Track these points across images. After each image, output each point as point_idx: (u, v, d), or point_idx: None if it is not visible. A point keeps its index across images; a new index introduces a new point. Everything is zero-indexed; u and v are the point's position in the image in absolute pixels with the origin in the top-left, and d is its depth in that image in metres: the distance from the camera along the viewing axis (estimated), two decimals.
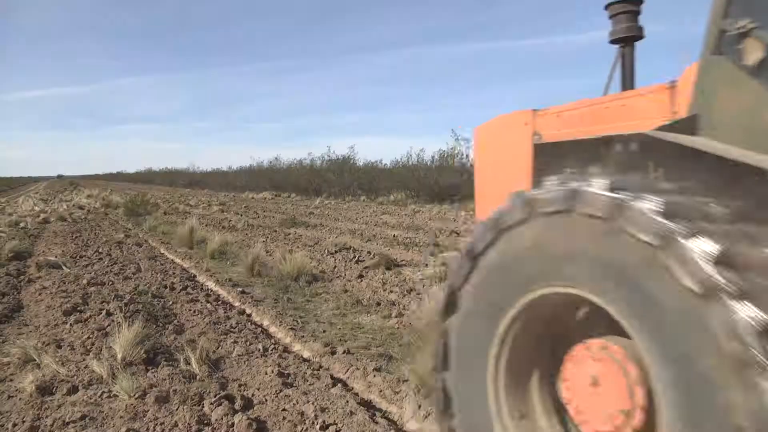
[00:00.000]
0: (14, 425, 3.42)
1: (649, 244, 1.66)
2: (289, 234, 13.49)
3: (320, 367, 4.52)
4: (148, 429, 3.35)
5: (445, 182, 25.65)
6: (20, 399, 3.80)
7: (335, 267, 8.83)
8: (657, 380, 1.69)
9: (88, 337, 5.00)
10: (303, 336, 5.32)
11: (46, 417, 3.50)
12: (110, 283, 7.58)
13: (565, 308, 2.15)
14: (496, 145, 3.60)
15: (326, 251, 10.25)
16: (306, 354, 4.91)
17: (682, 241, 1.57)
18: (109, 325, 5.34)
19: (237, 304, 6.69)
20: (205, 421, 3.40)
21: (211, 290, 7.42)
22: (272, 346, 4.88)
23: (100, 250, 10.67)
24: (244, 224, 15.93)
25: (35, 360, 4.42)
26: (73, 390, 3.91)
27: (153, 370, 4.25)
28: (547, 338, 2.31)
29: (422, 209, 21.69)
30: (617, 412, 1.90)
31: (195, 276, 8.45)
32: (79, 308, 6.06)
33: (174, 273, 8.38)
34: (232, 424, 3.34)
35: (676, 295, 1.59)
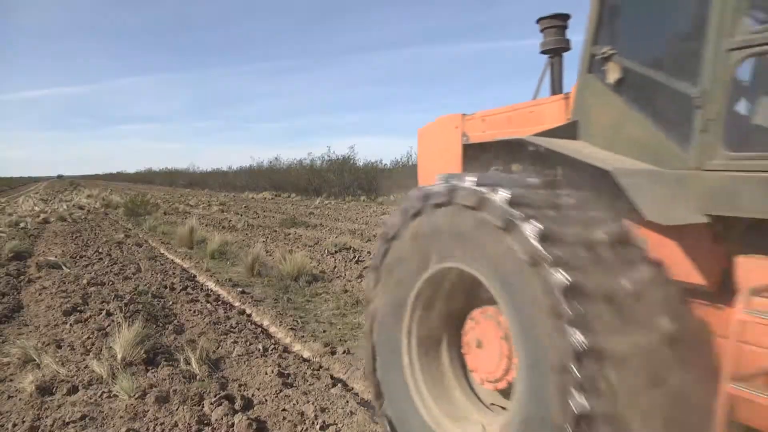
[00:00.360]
0: (14, 425, 3.42)
1: (499, 226, 2.16)
2: (289, 234, 13.49)
3: (320, 367, 4.53)
4: (148, 429, 3.35)
5: None
6: (20, 399, 3.80)
7: (335, 267, 8.84)
8: (510, 329, 2.21)
9: (88, 337, 5.00)
10: (303, 336, 5.33)
11: (46, 417, 3.50)
12: (110, 283, 7.58)
13: (460, 283, 2.59)
14: (434, 145, 4.01)
15: (326, 251, 10.25)
16: (306, 354, 4.91)
17: (519, 223, 2.08)
18: (109, 325, 5.34)
19: (237, 304, 6.69)
20: (205, 421, 3.40)
21: (211, 290, 7.42)
22: (272, 346, 4.88)
23: (100, 250, 10.68)
24: (244, 224, 15.93)
25: (35, 360, 4.42)
26: (73, 390, 3.91)
27: (153, 370, 4.25)
28: (452, 310, 2.77)
29: None
30: (496, 362, 2.45)
31: (195, 276, 8.45)
32: (79, 308, 6.06)
33: (174, 273, 8.38)
34: (232, 424, 3.34)
35: (517, 264, 2.09)
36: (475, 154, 3.45)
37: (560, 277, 1.94)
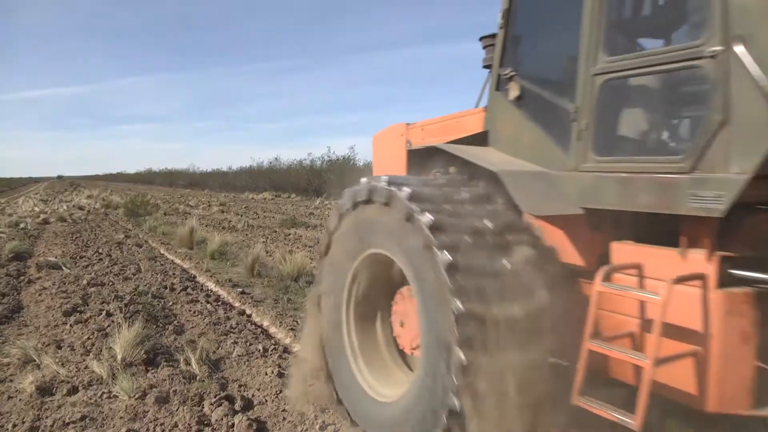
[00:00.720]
0: (14, 426, 3.43)
1: (403, 218, 2.74)
2: (289, 234, 13.49)
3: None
4: (148, 429, 3.35)
5: None
6: (20, 399, 3.80)
7: None
8: (415, 297, 2.81)
9: (88, 338, 5.00)
10: None
11: (46, 417, 3.50)
12: (110, 283, 7.58)
13: (387, 266, 3.05)
14: (384, 150, 4.48)
15: None
16: None
17: (417, 215, 2.65)
18: (109, 325, 5.34)
19: (237, 304, 6.69)
20: (205, 422, 3.40)
21: (211, 291, 7.42)
22: (272, 347, 4.87)
23: (100, 251, 10.68)
24: (244, 225, 15.93)
25: (35, 360, 4.42)
26: (73, 390, 3.91)
27: (153, 371, 4.25)
28: (384, 289, 3.31)
29: None
30: (415, 331, 2.92)
31: (195, 276, 8.45)
32: (79, 309, 6.06)
33: (174, 273, 8.38)
34: (232, 425, 3.34)
35: (416, 248, 2.67)
36: (417, 159, 3.86)
37: (444, 256, 2.50)
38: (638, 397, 2.20)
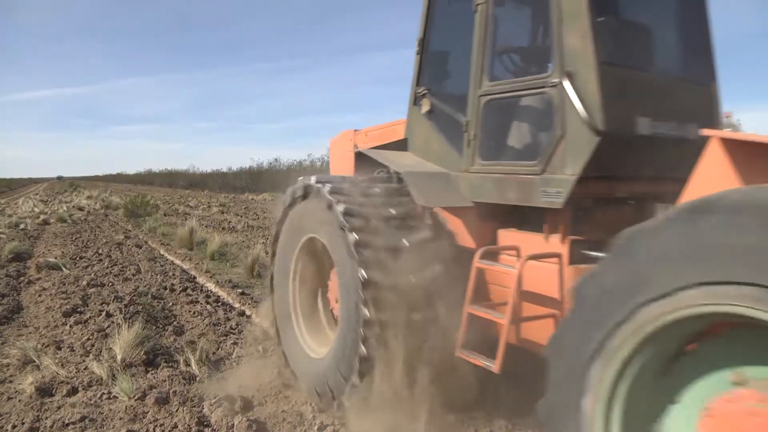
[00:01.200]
0: (14, 426, 3.43)
1: (326, 207, 3.49)
2: None
3: None
4: (147, 430, 3.35)
5: None
6: (20, 400, 3.80)
7: None
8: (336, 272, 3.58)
9: (88, 339, 5.00)
10: None
11: (46, 418, 3.50)
12: (110, 284, 7.58)
13: (323, 249, 3.73)
14: (337, 153, 5.02)
15: None
16: None
17: (335, 204, 3.40)
18: (108, 326, 5.35)
19: (237, 305, 6.69)
20: (205, 423, 3.41)
21: (211, 291, 7.42)
22: (272, 348, 4.87)
23: (100, 252, 10.68)
24: (243, 225, 15.93)
25: (35, 361, 4.42)
26: (73, 391, 3.91)
27: (153, 372, 4.25)
28: (322, 269, 4.04)
29: None
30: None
31: (195, 277, 8.45)
32: (78, 309, 6.06)
33: (174, 274, 8.38)
34: (232, 426, 3.34)
35: (335, 230, 3.42)
36: (363, 161, 4.35)
37: (353, 237, 3.25)
38: (498, 347, 2.81)
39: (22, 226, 15.56)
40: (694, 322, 1.90)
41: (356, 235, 3.25)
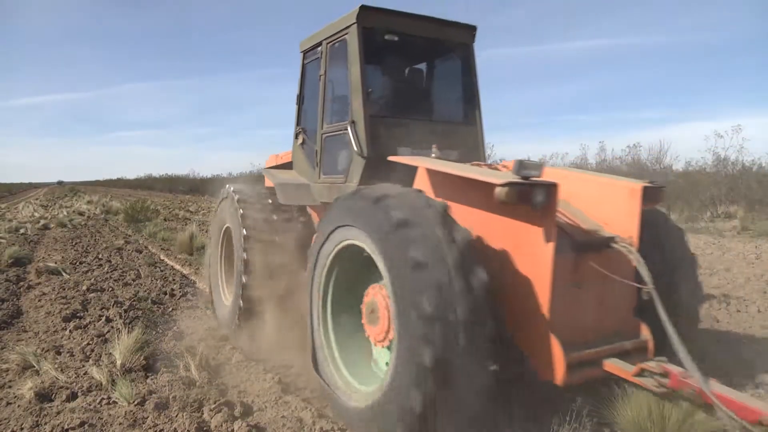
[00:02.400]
0: None
1: (236, 208, 5.30)
2: None
3: None
4: None
5: None
6: (19, 406, 3.79)
7: None
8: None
9: (88, 344, 4.99)
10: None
11: (45, 424, 3.49)
12: (110, 289, 7.57)
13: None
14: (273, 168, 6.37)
15: None
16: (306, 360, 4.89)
17: (239, 207, 5.29)
18: (108, 331, 5.34)
19: None
20: (205, 428, 3.39)
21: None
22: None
23: (100, 257, 10.68)
24: None
25: (34, 366, 4.41)
26: (73, 396, 3.90)
27: (152, 377, 4.24)
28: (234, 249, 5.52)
29: None
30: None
31: (195, 282, 8.44)
32: (78, 314, 6.06)
33: (174, 279, 8.38)
34: (232, 431, 3.33)
35: (237, 225, 5.28)
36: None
37: (243, 231, 5.09)
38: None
39: (22, 231, 15.56)
40: (352, 247, 3.43)
41: (245, 231, 5.14)
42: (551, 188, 2.99)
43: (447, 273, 2.75)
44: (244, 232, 5.09)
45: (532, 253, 3.10)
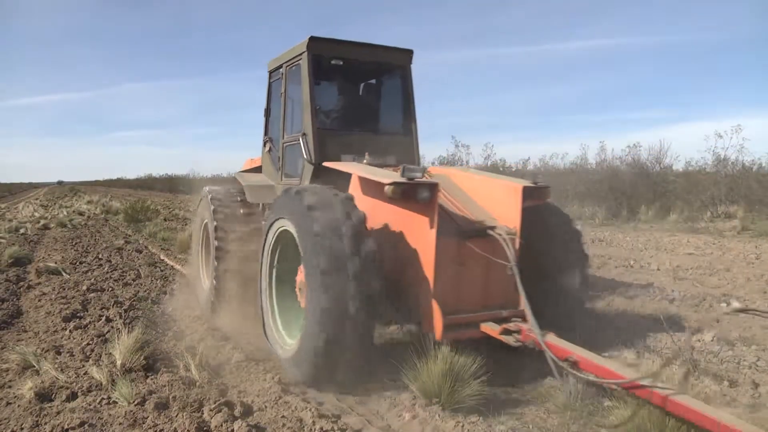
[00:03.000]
0: None
1: (209, 205, 6.20)
2: None
3: None
4: None
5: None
6: (19, 405, 3.79)
7: None
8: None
9: (88, 344, 4.99)
10: None
11: (45, 424, 3.49)
12: (110, 289, 7.57)
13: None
14: (247, 171, 7.30)
15: None
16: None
17: (211, 204, 6.17)
18: (108, 331, 5.34)
19: None
20: (205, 428, 3.39)
21: None
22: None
23: (100, 257, 10.67)
24: None
25: (34, 366, 4.41)
26: (73, 396, 3.90)
27: (152, 377, 4.24)
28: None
29: None
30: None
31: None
32: (78, 314, 6.06)
33: (174, 279, 8.37)
34: (232, 431, 3.33)
35: (210, 218, 6.13)
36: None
37: (215, 223, 5.96)
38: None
39: (22, 230, 15.56)
40: (287, 233, 4.33)
41: (216, 222, 5.99)
42: (433, 187, 3.92)
43: (341, 240, 3.75)
44: (216, 224, 5.94)
45: (419, 237, 4.07)
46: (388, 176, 4.18)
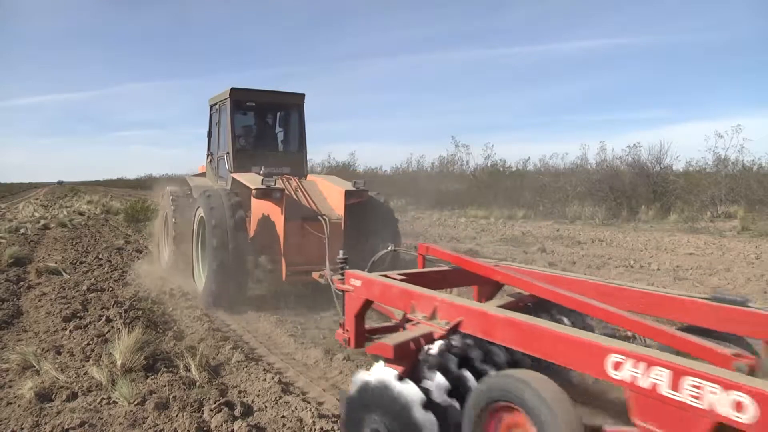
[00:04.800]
0: None
1: (170, 201, 8.67)
2: None
3: (322, 376, 4.51)
4: None
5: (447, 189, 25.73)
6: (19, 405, 3.79)
7: None
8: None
9: (88, 344, 4.99)
10: (303, 342, 5.32)
11: (45, 424, 3.49)
12: (110, 289, 7.57)
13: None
14: (197, 175, 9.58)
15: None
16: (306, 361, 4.90)
17: (171, 200, 8.67)
18: (108, 331, 5.34)
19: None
20: (205, 428, 3.39)
21: None
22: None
23: (100, 256, 10.67)
24: None
25: (34, 366, 4.41)
26: (73, 396, 3.90)
27: (153, 377, 4.24)
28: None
29: (422, 215, 21.70)
30: None
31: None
32: (78, 314, 6.05)
33: (174, 279, 8.37)
34: (232, 431, 3.33)
35: (169, 212, 8.74)
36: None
37: (173, 212, 8.44)
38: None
39: (22, 230, 15.55)
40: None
41: (173, 209, 8.28)
42: (281, 191, 6.63)
43: (225, 231, 6.30)
44: (173, 212, 8.40)
45: (275, 219, 6.76)
46: (255, 183, 6.61)
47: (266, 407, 3.74)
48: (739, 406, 1.55)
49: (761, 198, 17.03)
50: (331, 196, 7.14)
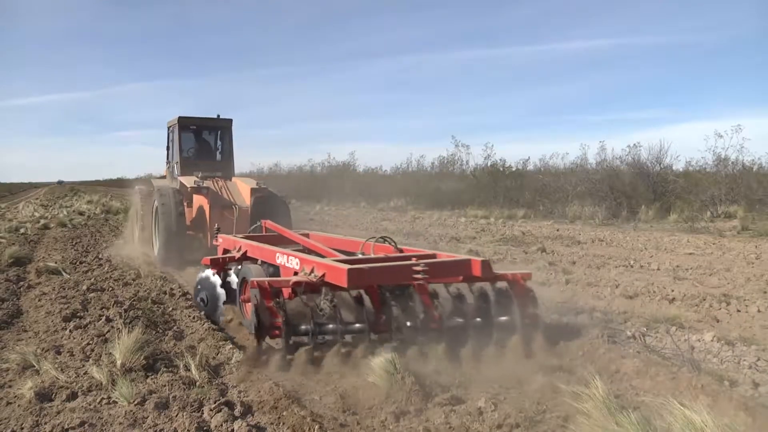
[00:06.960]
0: (13, 431, 3.41)
1: (138, 199, 11.92)
2: None
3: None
4: None
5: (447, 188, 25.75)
6: (19, 405, 3.79)
7: None
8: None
9: (88, 344, 4.99)
10: None
11: (45, 423, 3.49)
12: (110, 289, 7.57)
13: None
14: (160, 177, 13.21)
15: None
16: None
17: (137, 198, 11.87)
18: (108, 331, 5.34)
19: (237, 309, 6.66)
20: (205, 428, 3.39)
21: None
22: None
23: (100, 256, 10.68)
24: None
25: (34, 366, 4.41)
26: (73, 396, 3.90)
27: (152, 376, 4.24)
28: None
29: (422, 215, 21.71)
30: None
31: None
32: (78, 314, 6.05)
33: (173, 279, 8.37)
34: (232, 431, 3.33)
35: (139, 208, 11.72)
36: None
37: (139, 207, 11.60)
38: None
39: (22, 230, 15.56)
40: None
41: (139, 208, 11.31)
42: (208, 189, 10.04)
43: (170, 217, 9.50)
44: (141, 207, 11.20)
45: (205, 208, 10.09)
46: (191, 183, 9.96)
47: (266, 407, 3.74)
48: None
49: (761, 198, 17.03)
50: (243, 192, 10.45)
